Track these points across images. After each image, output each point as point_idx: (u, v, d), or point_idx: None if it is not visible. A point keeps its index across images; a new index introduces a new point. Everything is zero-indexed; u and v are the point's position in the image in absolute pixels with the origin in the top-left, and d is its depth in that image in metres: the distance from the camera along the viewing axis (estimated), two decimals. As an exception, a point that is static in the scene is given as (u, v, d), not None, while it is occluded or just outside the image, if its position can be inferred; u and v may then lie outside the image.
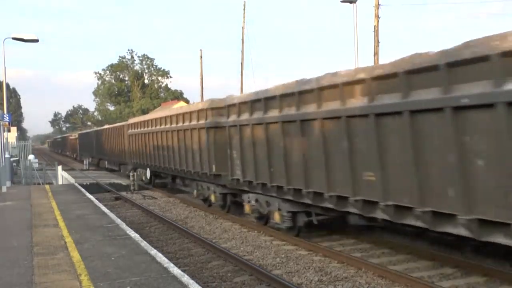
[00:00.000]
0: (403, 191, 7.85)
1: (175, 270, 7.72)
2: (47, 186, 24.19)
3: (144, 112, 72.92)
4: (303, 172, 10.46)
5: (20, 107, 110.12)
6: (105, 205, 16.58)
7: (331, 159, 9.57)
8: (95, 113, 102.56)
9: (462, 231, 6.88)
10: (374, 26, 25.97)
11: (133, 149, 26.74)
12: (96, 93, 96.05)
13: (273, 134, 11.56)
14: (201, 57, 47.47)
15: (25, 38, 25.03)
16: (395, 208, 8.08)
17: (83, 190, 20.99)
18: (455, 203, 6.89)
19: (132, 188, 23.79)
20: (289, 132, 10.90)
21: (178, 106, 29.08)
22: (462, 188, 6.75)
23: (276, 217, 11.92)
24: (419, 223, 7.67)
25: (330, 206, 9.84)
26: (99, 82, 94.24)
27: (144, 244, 9.75)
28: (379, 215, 8.57)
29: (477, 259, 8.96)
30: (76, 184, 24.23)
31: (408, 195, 7.72)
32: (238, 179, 13.63)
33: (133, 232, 11.13)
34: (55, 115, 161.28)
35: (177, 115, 18.79)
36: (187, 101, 67.22)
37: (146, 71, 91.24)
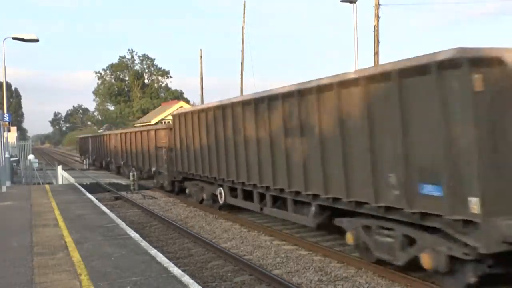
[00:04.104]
0: None
1: (175, 270, 7.72)
2: (47, 186, 24.19)
3: (144, 112, 72.77)
4: None
5: (20, 107, 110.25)
6: (105, 205, 16.58)
7: None
8: (95, 113, 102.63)
9: None
10: (374, 26, 25.95)
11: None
12: (96, 93, 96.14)
13: None
14: (201, 57, 47.44)
15: (25, 38, 25.00)
16: None
17: (83, 190, 20.99)
18: None
19: (132, 188, 23.78)
20: None
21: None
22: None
23: None
24: None
25: None
26: (99, 82, 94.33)
27: (144, 244, 9.75)
28: None
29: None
30: (76, 184, 24.23)
31: None
32: None
33: (133, 232, 11.14)
34: (55, 115, 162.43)
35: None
36: (187, 101, 67.10)
37: (146, 71, 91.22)
